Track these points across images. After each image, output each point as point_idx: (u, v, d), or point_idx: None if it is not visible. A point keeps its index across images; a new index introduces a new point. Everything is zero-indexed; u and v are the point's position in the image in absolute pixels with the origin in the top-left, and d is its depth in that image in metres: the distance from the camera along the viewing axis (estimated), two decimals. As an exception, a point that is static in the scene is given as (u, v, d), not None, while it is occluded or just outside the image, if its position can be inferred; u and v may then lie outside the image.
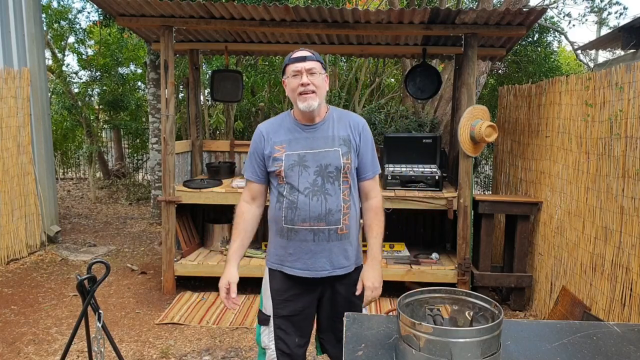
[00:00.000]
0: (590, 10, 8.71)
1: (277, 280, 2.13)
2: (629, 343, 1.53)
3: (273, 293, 2.13)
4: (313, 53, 2.05)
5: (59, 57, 9.47)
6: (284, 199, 2.04)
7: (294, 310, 2.11)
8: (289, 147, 2.05)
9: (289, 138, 2.06)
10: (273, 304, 2.13)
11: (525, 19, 3.85)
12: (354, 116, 2.18)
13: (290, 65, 2.03)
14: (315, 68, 2.01)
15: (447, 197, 4.19)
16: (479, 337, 1.27)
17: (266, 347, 2.14)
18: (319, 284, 2.10)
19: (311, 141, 2.05)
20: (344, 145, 2.06)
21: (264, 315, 2.16)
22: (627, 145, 2.89)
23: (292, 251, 2.07)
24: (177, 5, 3.79)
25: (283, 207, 2.05)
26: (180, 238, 4.59)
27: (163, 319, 3.80)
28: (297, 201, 2.02)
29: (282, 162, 2.03)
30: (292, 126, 2.09)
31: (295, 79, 2.01)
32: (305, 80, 1.98)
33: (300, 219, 2.02)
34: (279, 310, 2.11)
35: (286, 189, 2.04)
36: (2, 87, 4.99)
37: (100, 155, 10.03)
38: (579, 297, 3.39)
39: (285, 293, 2.11)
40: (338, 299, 2.13)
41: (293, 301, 2.10)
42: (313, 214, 2.01)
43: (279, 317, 2.11)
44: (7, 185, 5.05)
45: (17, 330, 3.62)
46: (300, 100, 2.01)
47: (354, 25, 4.05)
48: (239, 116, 8.29)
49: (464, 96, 4.11)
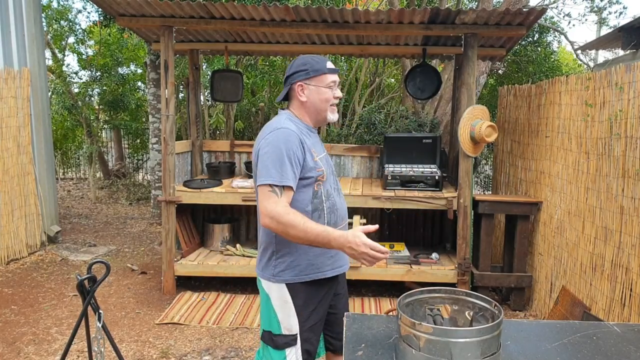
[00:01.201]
0: (590, 10, 8.71)
1: (302, 294, 2.00)
2: (629, 343, 1.54)
3: (299, 309, 1.99)
4: None
5: (59, 57, 9.47)
6: (323, 204, 1.99)
7: (318, 318, 2.06)
8: (316, 150, 2.03)
9: (314, 141, 2.06)
10: (300, 320, 2.00)
11: (525, 19, 3.85)
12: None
13: (329, 75, 2.01)
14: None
15: (447, 197, 4.19)
16: (479, 337, 1.27)
17: None
18: (336, 281, 2.13)
19: (321, 144, 2.14)
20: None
21: (286, 337, 2.00)
22: (627, 145, 2.90)
23: (333, 253, 2.02)
24: (177, 5, 3.79)
25: (325, 214, 1.98)
26: (180, 238, 4.59)
27: (163, 319, 3.80)
28: (335, 204, 2.06)
29: (322, 167, 2.00)
30: (307, 130, 2.04)
31: (330, 91, 2.02)
32: (339, 94, 2.05)
33: (340, 218, 2.08)
34: (306, 322, 2.01)
35: (324, 193, 2.00)
36: (2, 87, 4.99)
37: (101, 155, 10.02)
38: (579, 297, 3.39)
39: (312, 303, 2.02)
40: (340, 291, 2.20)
41: (317, 307, 2.04)
42: (342, 212, 2.11)
43: (307, 329, 2.02)
44: (7, 185, 5.05)
45: (17, 330, 3.62)
46: (331, 111, 2.06)
47: (354, 25, 4.05)
48: (239, 116, 8.29)
49: (464, 96, 4.11)
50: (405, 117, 7.10)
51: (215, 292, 4.37)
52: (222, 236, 4.83)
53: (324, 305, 2.09)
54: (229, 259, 4.50)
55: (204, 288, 4.47)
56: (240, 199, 4.29)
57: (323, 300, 2.07)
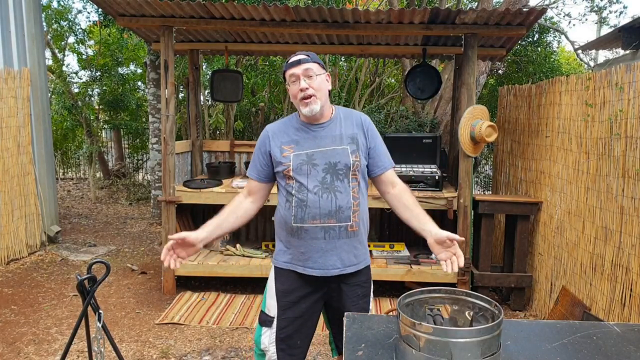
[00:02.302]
0: (590, 10, 8.71)
1: (284, 280, 2.11)
2: (629, 343, 1.54)
3: (279, 294, 2.11)
4: (308, 55, 2.04)
5: (59, 57, 9.47)
6: (293, 197, 2.03)
7: (298, 312, 2.09)
8: (297, 147, 2.05)
9: (296, 138, 2.06)
10: (278, 305, 2.10)
11: (525, 19, 3.85)
12: (358, 114, 2.18)
13: (287, 71, 2.03)
14: (312, 69, 2.00)
15: (447, 197, 4.19)
16: (479, 337, 1.27)
17: (265, 349, 2.13)
18: (327, 283, 2.09)
19: (319, 140, 2.05)
20: (352, 144, 2.06)
21: (266, 316, 2.14)
22: (627, 145, 2.89)
23: (303, 250, 2.05)
24: (177, 5, 3.79)
25: (292, 206, 2.03)
26: (180, 238, 4.58)
27: (163, 319, 3.80)
28: (307, 199, 2.01)
29: (290, 162, 2.03)
30: (299, 127, 2.09)
31: (295, 85, 2.01)
32: (303, 85, 1.98)
33: (310, 216, 2.01)
34: (283, 312, 2.09)
35: (295, 187, 2.03)
36: (2, 87, 4.99)
37: (100, 155, 10.02)
38: (579, 297, 3.39)
39: (292, 295, 2.08)
40: (346, 300, 2.11)
41: (298, 303, 2.08)
42: (323, 211, 2.00)
43: (283, 318, 2.09)
44: (7, 185, 5.05)
45: (17, 330, 3.62)
46: (302, 105, 2.01)
47: (354, 25, 4.05)
48: (239, 116, 8.29)
49: (464, 96, 4.10)
50: (405, 117, 7.11)
51: (215, 292, 4.37)
52: (222, 236, 4.83)
53: (307, 304, 2.09)
54: (229, 259, 4.50)
55: (204, 288, 4.47)
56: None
57: (306, 298, 2.09)
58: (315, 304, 2.12)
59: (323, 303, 2.16)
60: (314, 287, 2.09)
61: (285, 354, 2.10)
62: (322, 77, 2.04)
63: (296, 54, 2.06)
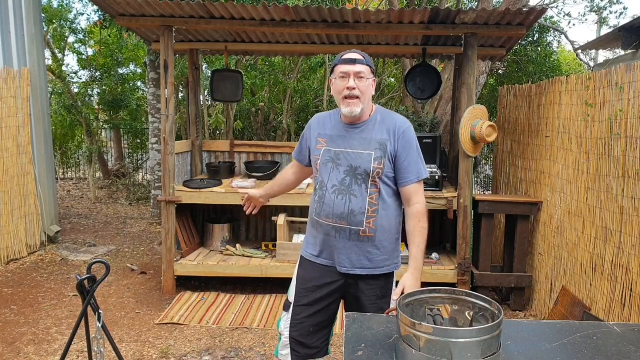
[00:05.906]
0: (591, 10, 8.71)
1: (305, 268, 2.21)
2: (629, 343, 1.53)
3: (299, 281, 2.21)
4: (364, 56, 2.04)
5: (59, 57, 9.46)
6: (317, 192, 2.13)
7: (312, 301, 2.14)
8: (329, 142, 2.10)
9: (331, 134, 2.12)
10: (296, 291, 2.20)
11: (525, 19, 3.85)
12: (395, 119, 2.13)
13: (339, 66, 2.03)
14: (364, 72, 2.00)
15: (447, 197, 4.19)
16: (479, 338, 1.27)
17: (281, 333, 2.23)
18: (342, 278, 2.13)
19: (349, 141, 2.07)
20: (379, 150, 2.04)
21: (288, 301, 2.24)
22: (627, 145, 2.89)
23: (319, 242, 2.14)
24: (177, 5, 3.79)
25: (315, 200, 2.14)
26: (180, 238, 4.59)
27: (163, 319, 3.80)
28: (325, 197, 2.08)
29: (319, 156, 2.10)
30: (336, 124, 2.14)
31: (343, 82, 2.01)
32: (351, 84, 1.98)
33: (325, 214, 2.08)
34: (299, 298, 2.17)
35: (319, 182, 2.12)
36: (2, 87, 4.99)
37: (100, 155, 10.02)
38: (579, 297, 3.39)
39: (309, 282, 2.16)
40: (363, 299, 2.12)
41: (314, 292, 2.15)
42: (336, 211, 2.05)
43: (298, 305, 2.17)
44: (7, 185, 5.05)
45: (17, 330, 3.62)
46: (344, 104, 2.02)
47: (354, 25, 4.05)
48: (239, 116, 8.28)
49: (464, 96, 4.10)
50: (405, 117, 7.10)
51: (215, 292, 4.37)
52: (222, 236, 4.83)
53: (321, 294, 2.13)
54: (228, 259, 4.50)
55: (204, 288, 4.47)
56: (240, 199, 4.29)
57: (321, 288, 2.13)
58: (330, 296, 2.15)
59: (340, 299, 2.19)
60: (330, 280, 2.14)
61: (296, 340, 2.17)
62: (370, 82, 2.05)
63: (352, 51, 2.06)
